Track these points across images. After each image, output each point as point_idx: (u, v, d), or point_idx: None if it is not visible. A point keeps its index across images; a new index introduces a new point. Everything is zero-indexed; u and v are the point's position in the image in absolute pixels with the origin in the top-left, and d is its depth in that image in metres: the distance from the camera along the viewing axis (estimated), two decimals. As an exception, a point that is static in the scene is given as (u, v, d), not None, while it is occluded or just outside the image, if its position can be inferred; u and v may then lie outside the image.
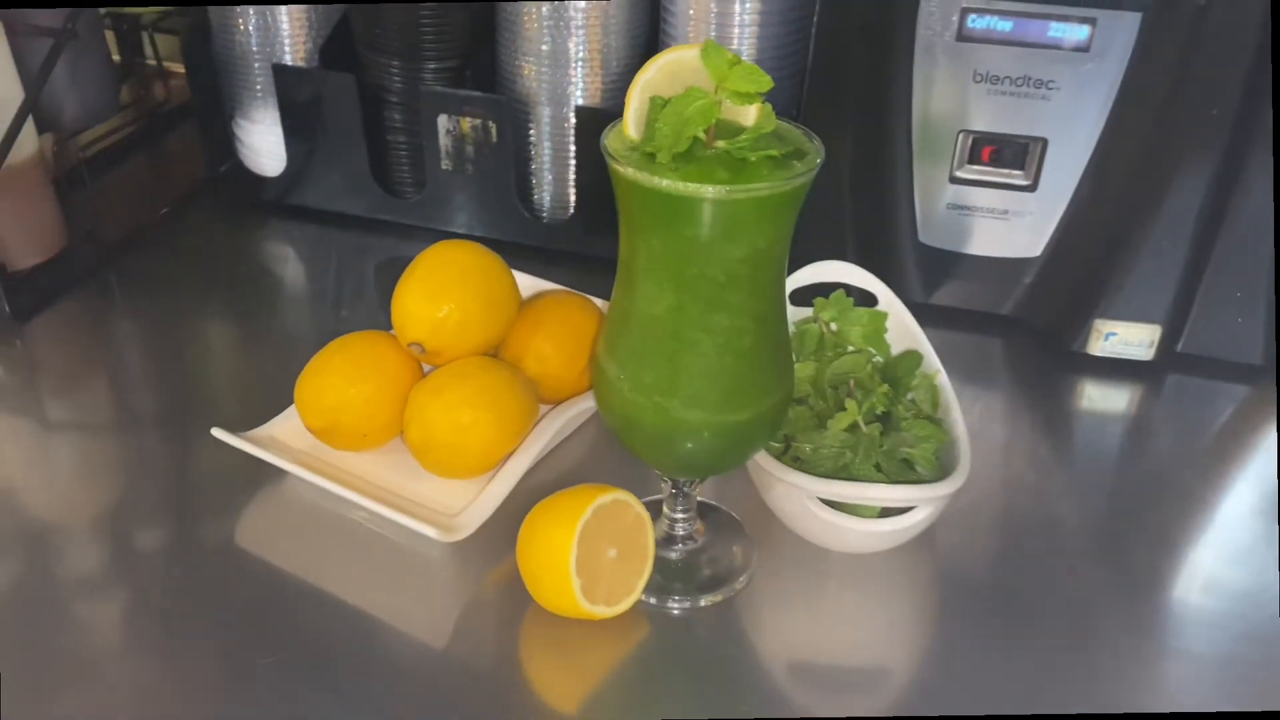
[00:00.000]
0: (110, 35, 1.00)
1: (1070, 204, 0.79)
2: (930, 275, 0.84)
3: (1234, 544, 0.67)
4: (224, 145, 1.00)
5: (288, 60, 0.94)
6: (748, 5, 0.81)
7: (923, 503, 0.58)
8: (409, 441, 0.64)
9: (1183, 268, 0.77)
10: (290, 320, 0.90)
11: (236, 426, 0.68)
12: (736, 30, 0.83)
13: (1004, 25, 0.74)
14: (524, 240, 0.93)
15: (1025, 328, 0.83)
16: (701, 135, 0.47)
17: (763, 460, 0.60)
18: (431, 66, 0.91)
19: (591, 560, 0.55)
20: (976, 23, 0.74)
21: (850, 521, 0.59)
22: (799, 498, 0.59)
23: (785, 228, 0.50)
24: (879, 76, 0.78)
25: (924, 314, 0.73)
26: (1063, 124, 0.76)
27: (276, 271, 0.97)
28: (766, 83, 0.46)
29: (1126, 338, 0.79)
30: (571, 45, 0.86)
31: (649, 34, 0.89)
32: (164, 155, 1.01)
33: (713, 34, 0.83)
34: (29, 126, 0.83)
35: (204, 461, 0.69)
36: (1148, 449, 0.77)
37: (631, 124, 0.50)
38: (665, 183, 0.46)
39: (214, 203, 1.00)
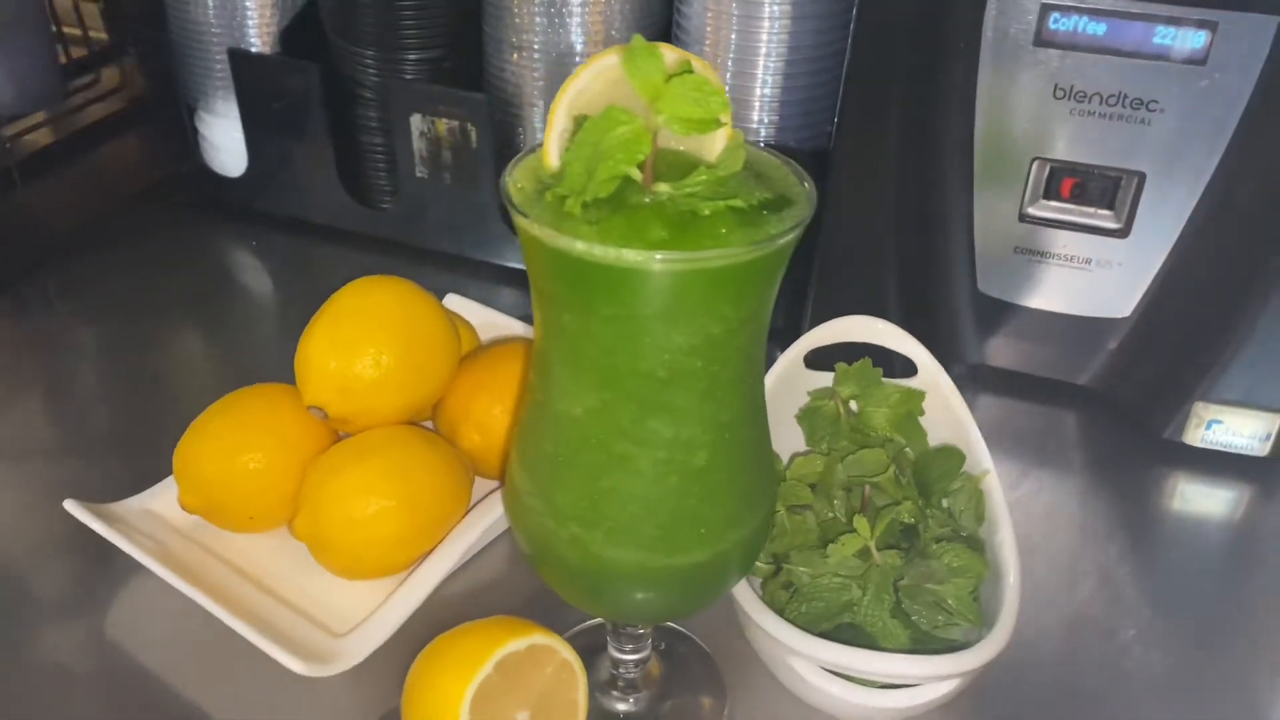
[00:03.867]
0: (62, 8, 0.88)
1: (1171, 255, 0.63)
2: (989, 332, 0.68)
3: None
4: (186, 141, 0.88)
5: (253, 45, 0.81)
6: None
7: (941, 679, 0.43)
8: (296, 533, 0.50)
9: (1314, 343, 0.60)
10: (241, 343, 0.77)
11: (151, 471, 0.57)
12: (766, 23, 0.68)
13: (1096, 28, 0.58)
14: (508, 263, 0.80)
15: (1106, 405, 0.67)
16: (635, 174, 0.33)
17: (739, 594, 0.45)
18: (411, 57, 0.78)
19: (491, 728, 0.41)
20: (1060, 23, 0.58)
21: (846, 690, 0.44)
22: (782, 652, 0.44)
23: (755, 307, 0.35)
24: (933, 87, 0.62)
25: (980, 377, 0.57)
26: (1166, 155, 0.60)
27: (233, 286, 0.85)
28: (720, 105, 0.31)
29: (1235, 427, 0.63)
30: (569, 36, 0.72)
31: (663, 24, 0.74)
32: (119, 150, 0.89)
33: (734, 31, 0.68)
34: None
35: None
36: (1257, 569, 0.60)
37: (553, 151, 0.36)
38: (577, 243, 0.32)
39: (170, 205, 0.88)
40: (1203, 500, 0.64)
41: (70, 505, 0.52)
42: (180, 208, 0.88)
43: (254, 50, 0.81)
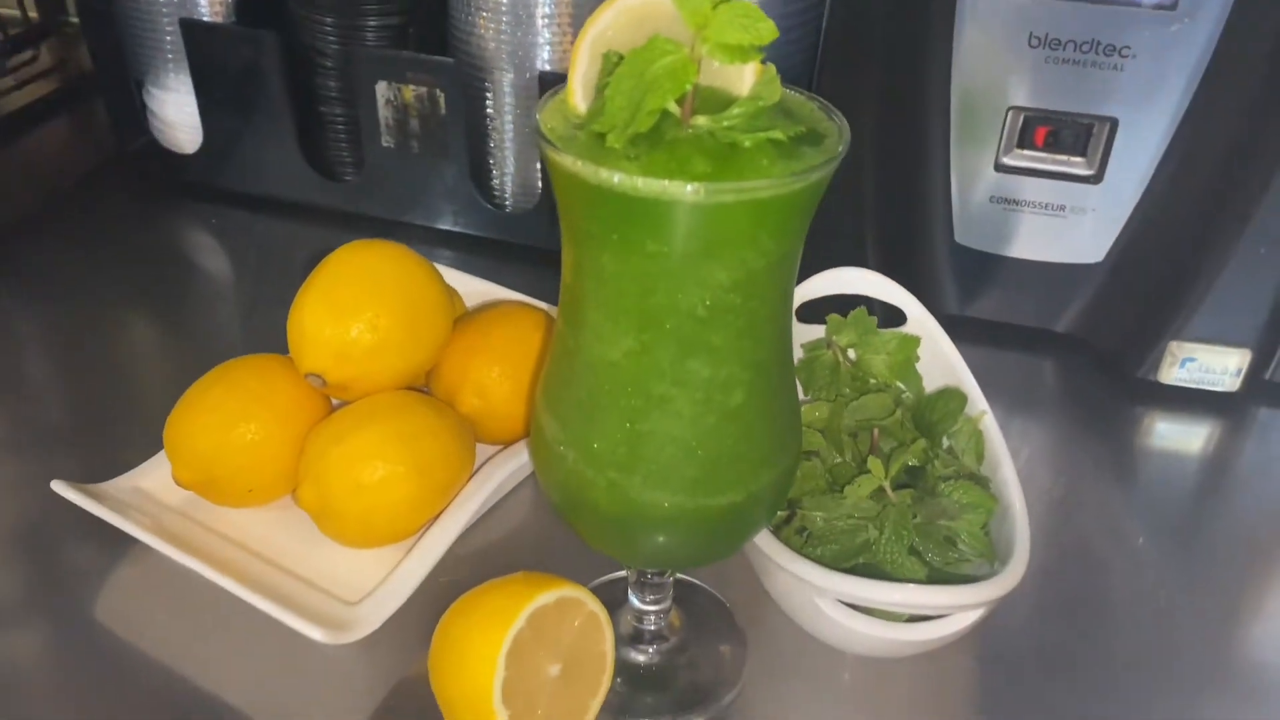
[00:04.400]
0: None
1: (1143, 200, 0.64)
2: (968, 283, 0.69)
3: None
4: (135, 118, 0.85)
5: (204, 14, 0.79)
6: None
7: (967, 609, 0.43)
8: (301, 502, 0.49)
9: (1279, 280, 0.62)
10: (206, 326, 0.75)
11: (122, 461, 0.55)
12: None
13: (1069, -25, 0.59)
14: (481, 232, 0.79)
15: (1083, 349, 0.69)
16: (673, 108, 0.33)
17: (760, 539, 0.45)
18: (372, 23, 0.76)
19: (526, 683, 0.41)
20: (1035, -28, 0.59)
21: (870, 626, 0.44)
22: (806, 591, 0.45)
23: (792, 241, 0.35)
24: (910, 39, 0.63)
25: (960, 329, 0.58)
26: (1138, 101, 0.61)
27: (193, 267, 0.82)
28: (768, 30, 0.31)
29: (1207, 364, 0.65)
30: (536, -2, 0.71)
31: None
32: (64, 130, 0.86)
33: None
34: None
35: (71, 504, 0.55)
36: (1233, 499, 0.63)
37: (578, 92, 0.35)
38: (618, 177, 0.32)
39: (121, 185, 0.86)
40: (1179, 436, 0.66)
41: (58, 486, 0.50)
42: (132, 188, 0.85)
43: (206, 20, 0.78)
